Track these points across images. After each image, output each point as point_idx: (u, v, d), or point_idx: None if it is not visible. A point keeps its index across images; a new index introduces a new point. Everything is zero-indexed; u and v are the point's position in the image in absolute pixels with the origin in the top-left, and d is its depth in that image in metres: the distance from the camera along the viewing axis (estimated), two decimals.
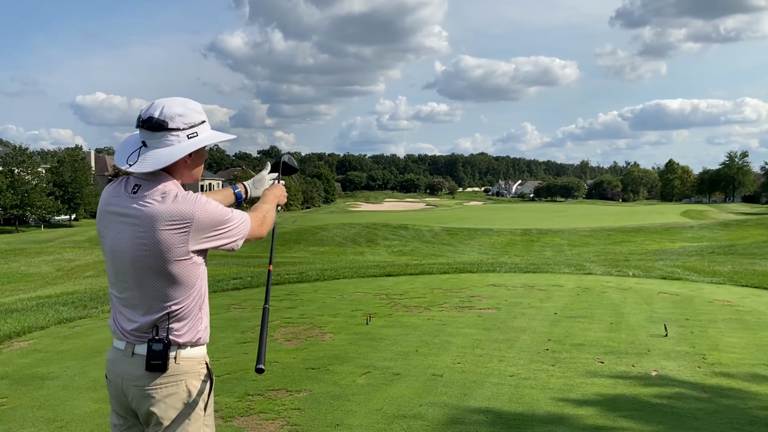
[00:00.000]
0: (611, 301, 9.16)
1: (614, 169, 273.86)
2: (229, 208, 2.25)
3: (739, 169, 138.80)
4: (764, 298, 9.43)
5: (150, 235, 2.08)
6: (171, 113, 2.14)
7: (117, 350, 2.24)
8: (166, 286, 2.13)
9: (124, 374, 2.19)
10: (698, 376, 5.38)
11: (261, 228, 2.40)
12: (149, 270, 2.11)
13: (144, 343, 2.16)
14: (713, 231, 41.20)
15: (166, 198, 2.11)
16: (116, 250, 2.17)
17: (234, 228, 2.22)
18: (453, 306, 8.69)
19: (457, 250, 33.55)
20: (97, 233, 2.28)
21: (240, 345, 6.65)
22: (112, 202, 2.20)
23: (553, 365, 5.71)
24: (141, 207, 2.11)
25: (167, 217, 2.08)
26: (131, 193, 2.15)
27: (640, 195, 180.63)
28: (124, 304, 2.21)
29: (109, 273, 2.25)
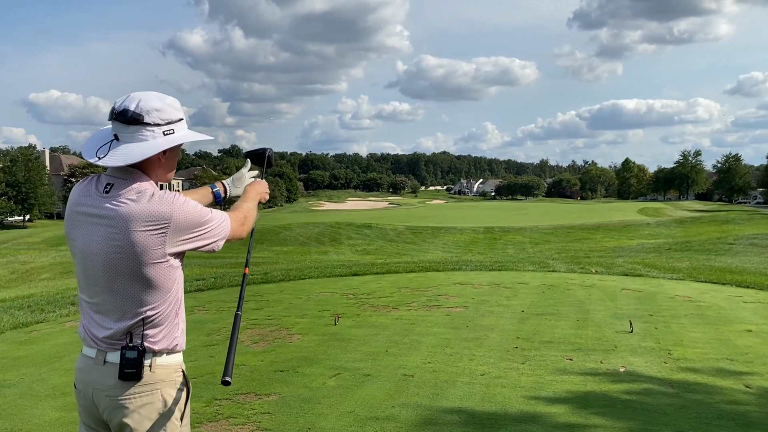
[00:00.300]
0: (576, 298, 9.25)
1: (573, 168, 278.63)
2: (209, 208, 2.14)
3: (693, 167, 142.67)
4: (723, 294, 9.66)
5: (124, 237, 1.96)
6: (148, 107, 2.02)
7: (87, 358, 2.10)
8: (141, 290, 2.01)
9: (95, 384, 2.06)
10: (665, 371, 5.45)
11: (242, 228, 2.30)
12: (123, 273, 1.99)
13: (117, 350, 2.03)
14: (669, 228, 42.25)
15: (142, 197, 1.99)
16: (88, 253, 2.04)
17: (213, 229, 2.11)
18: (421, 305, 8.67)
19: (422, 248, 33.64)
20: (66, 235, 2.15)
21: (206, 348, 6.50)
22: (82, 202, 2.07)
23: (522, 363, 5.72)
24: (114, 207, 1.98)
25: (143, 218, 1.96)
26: (103, 193, 2.02)
27: (598, 193, 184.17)
28: (95, 309, 2.08)
29: (80, 277, 2.12)
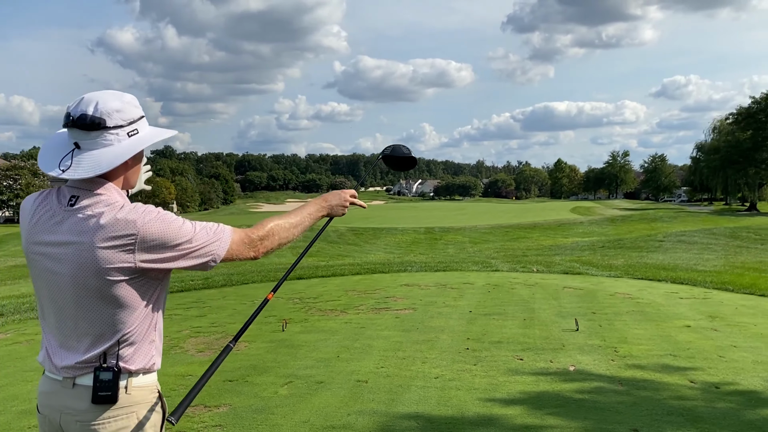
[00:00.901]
0: (521, 297, 9.38)
1: (508, 169, 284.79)
2: (193, 222, 1.90)
3: (621, 167, 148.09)
4: (660, 290, 9.99)
5: (91, 253, 1.77)
6: (107, 109, 1.83)
7: (53, 381, 1.90)
8: (114, 310, 1.82)
9: (64, 408, 1.86)
10: (613, 369, 5.56)
11: (253, 249, 1.98)
12: (92, 293, 1.81)
13: (86, 373, 1.83)
14: (602, 226, 43.66)
15: (110, 210, 1.80)
16: (53, 273, 1.84)
17: (198, 248, 1.86)
18: (369, 308, 8.60)
19: (363, 249, 33.56)
20: (25, 253, 1.93)
21: None
22: (44, 217, 1.86)
23: (475, 364, 5.72)
24: (81, 221, 1.80)
25: (109, 232, 1.78)
26: (68, 206, 1.83)
27: (532, 193, 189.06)
28: (63, 333, 1.87)
29: (43, 300, 1.92)
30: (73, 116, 1.82)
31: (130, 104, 1.92)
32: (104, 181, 1.87)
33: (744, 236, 27.68)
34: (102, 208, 1.81)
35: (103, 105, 1.84)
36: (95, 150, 1.83)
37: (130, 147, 1.87)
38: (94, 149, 1.83)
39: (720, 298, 9.26)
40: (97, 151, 1.83)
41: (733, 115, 67.38)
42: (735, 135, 64.95)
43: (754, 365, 5.61)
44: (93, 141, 1.83)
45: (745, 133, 63.60)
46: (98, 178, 1.86)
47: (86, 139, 1.83)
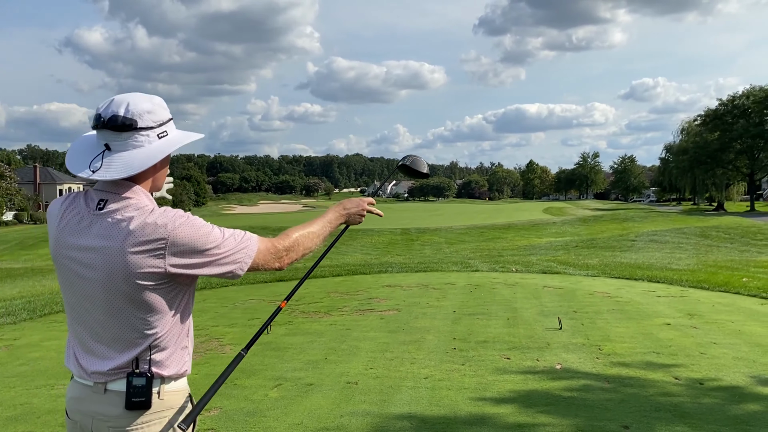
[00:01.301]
0: (503, 296, 9.46)
1: (480, 170, 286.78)
2: (222, 228, 1.88)
3: (592, 168, 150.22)
4: (637, 289, 10.16)
5: (121, 259, 1.75)
6: (138, 110, 1.82)
7: (83, 386, 1.88)
8: (145, 315, 1.81)
9: (96, 414, 1.84)
10: (599, 366, 5.64)
11: (279, 259, 1.98)
12: (123, 298, 1.79)
13: (118, 378, 1.82)
14: (574, 226, 44.18)
15: (140, 214, 1.78)
16: (82, 277, 1.82)
17: (227, 254, 1.84)
18: (353, 309, 8.59)
19: (340, 251, 33.47)
20: (53, 259, 1.91)
21: None
22: (73, 221, 1.84)
23: (463, 364, 5.76)
24: (111, 226, 1.78)
25: (140, 237, 1.75)
26: (96, 210, 1.81)
27: (505, 194, 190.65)
28: (93, 338, 1.85)
29: (71, 306, 1.89)
30: (104, 117, 1.81)
31: (160, 106, 1.90)
32: (132, 184, 1.85)
33: (714, 235, 28.28)
34: (132, 212, 1.78)
35: (134, 106, 1.82)
36: (126, 151, 1.82)
37: (161, 149, 1.86)
38: (125, 151, 1.82)
39: (696, 296, 9.45)
40: (128, 152, 1.82)
41: (701, 116, 68.80)
42: (703, 136, 66.29)
43: (734, 361, 5.73)
44: (124, 142, 1.82)
45: (712, 135, 64.97)
46: (126, 181, 1.84)
47: (117, 141, 1.82)
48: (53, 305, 9.67)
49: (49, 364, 6.18)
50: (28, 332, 7.88)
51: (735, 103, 63.69)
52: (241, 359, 2.06)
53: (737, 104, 63.40)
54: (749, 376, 5.29)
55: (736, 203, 75.22)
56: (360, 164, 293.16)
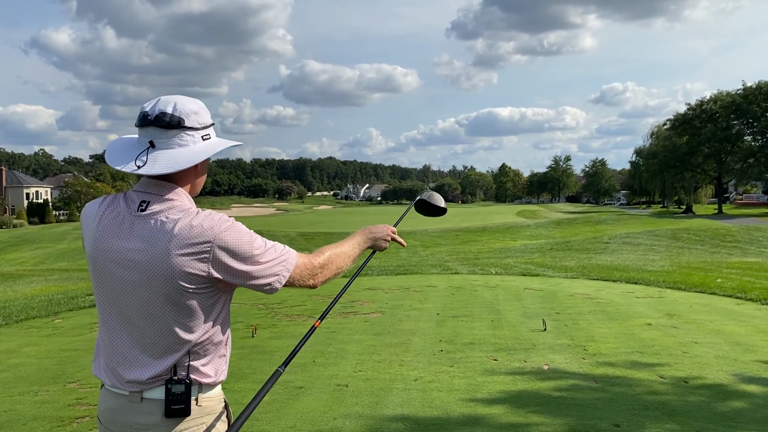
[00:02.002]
0: (485, 299, 9.53)
1: (453, 173, 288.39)
2: (264, 238, 1.85)
3: (564, 171, 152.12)
4: (616, 290, 10.31)
5: (165, 261, 1.71)
6: (186, 110, 1.82)
7: (117, 395, 1.82)
8: (184, 319, 1.77)
9: (134, 424, 1.79)
10: (585, 367, 5.71)
11: (313, 276, 1.95)
12: (163, 301, 1.74)
13: (156, 386, 1.78)
14: (548, 229, 44.70)
15: (186, 216, 1.75)
16: (121, 280, 1.77)
17: (270, 263, 1.82)
18: (337, 312, 8.56)
19: None
20: (90, 261, 1.85)
21: None
22: (113, 223, 1.80)
23: (451, 366, 5.79)
24: (154, 227, 1.74)
25: (186, 239, 1.72)
26: (138, 211, 1.78)
27: (477, 197, 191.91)
28: (129, 345, 1.80)
29: (106, 309, 1.84)
30: (151, 115, 1.80)
31: (204, 109, 1.89)
32: (175, 186, 1.83)
33: (685, 237, 28.83)
34: (177, 214, 1.76)
35: (181, 106, 1.82)
36: (170, 149, 1.80)
37: (204, 150, 1.85)
38: (170, 149, 1.80)
39: (674, 296, 9.63)
40: (173, 150, 1.80)
41: (670, 121, 70.17)
42: (672, 140, 67.57)
43: (716, 360, 5.86)
44: (169, 140, 1.81)
45: (681, 139, 66.27)
46: (169, 183, 1.83)
47: (162, 138, 1.80)
48: (29, 310, 9.48)
49: (30, 370, 6.06)
50: (5, 338, 7.71)
51: (703, 108, 65.10)
52: (278, 376, 2.01)
53: (705, 109, 64.80)
54: (732, 374, 5.40)
55: (704, 206, 76.78)
56: (333, 167, 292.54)
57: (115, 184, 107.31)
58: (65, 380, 5.66)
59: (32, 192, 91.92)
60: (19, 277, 22.08)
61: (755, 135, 64.66)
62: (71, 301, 10.32)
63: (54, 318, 9.00)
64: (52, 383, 5.58)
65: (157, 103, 1.82)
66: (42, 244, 47.79)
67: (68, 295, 11.31)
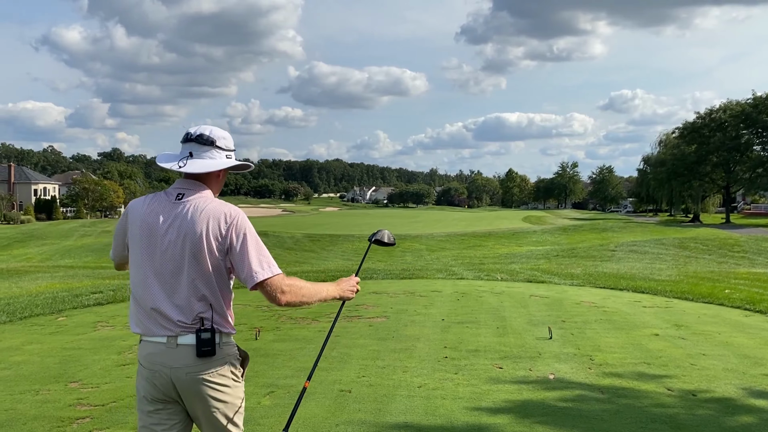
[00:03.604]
0: (490, 305, 9.46)
1: (460, 177, 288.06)
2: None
3: (571, 178, 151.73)
4: (623, 299, 10.22)
5: (197, 230, 2.37)
6: (217, 135, 2.57)
7: (157, 344, 2.42)
8: (207, 281, 2.39)
9: (173, 364, 2.39)
10: (592, 377, 5.64)
11: (288, 294, 2.45)
12: (194, 264, 2.38)
13: (188, 334, 2.38)
14: (554, 235, 44.55)
15: (214, 202, 2.47)
16: (162, 248, 2.41)
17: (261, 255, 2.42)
18: (341, 316, 8.48)
19: (320, 256, 33.40)
20: (134, 239, 2.48)
21: (120, 368, 6.01)
22: (157, 207, 2.47)
23: (456, 373, 5.73)
24: (190, 208, 2.42)
25: (215, 216, 2.40)
26: (176, 200, 2.47)
27: (484, 201, 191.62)
28: (165, 303, 2.40)
29: (146, 275, 2.43)
30: (193, 135, 2.55)
31: (230, 138, 2.64)
32: (203, 186, 2.53)
33: (692, 247, 28.66)
34: (207, 202, 2.46)
35: (215, 132, 2.58)
36: (203, 159, 2.53)
37: (225, 163, 2.57)
38: (202, 158, 2.53)
39: (682, 307, 9.53)
40: (205, 160, 2.53)
41: (679, 129, 69.83)
42: (680, 148, 67.25)
43: (725, 373, 5.77)
44: (203, 153, 2.53)
45: (690, 147, 65.94)
46: (198, 182, 2.52)
47: (199, 151, 2.53)
48: (33, 307, 9.46)
49: (32, 368, 6.03)
50: (9, 335, 7.69)
51: (712, 117, 64.75)
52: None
53: (714, 118, 64.46)
54: (740, 388, 5.32)
55: (712, 215, 76.39)
56: (340, 170, 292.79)
57: (122, 182, 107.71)
58: (67, 379, 5.63)
59: (40, 188, 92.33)
60: (25, 273, 22.14)
61: (764, 145, 64.28)
62: (75, 299, 10.31)
63: (58, 316, 8.99)
64: (54, 382, 5.55)
65: (199, 128, 2.58)
66: (48, 241, 47.97)
67: (73, 292, 11.30)
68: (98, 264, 28.18)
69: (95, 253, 39.17)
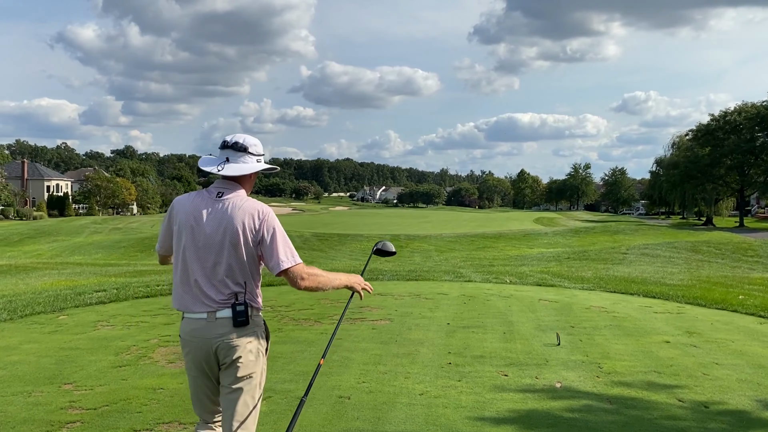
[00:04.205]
0: (498, 309, 9.27)
1: (471, 178, 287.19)
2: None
3: (583, 179, 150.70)
4: (634, 304, 10.00)
5: (236, 222, 2.84)
6: (250, 142, 3.01)
7: (198, 320, 2.88)
8: (245, 262, 2.86)
9: (213, 334, 2.86)
10: (600, 386, 5.45)
11: (307, 280, 2.92)
12: (235, 248, 2.84)
13: (225, 308, 2.85)
14: (566, 237, 44.15)
15: (249, 200, 2.95)
16: (205, 236, 2.86)
17: (286, 246, 2.89)
18: (344, 318, 8.36)
19: (329, 255, 33.24)
20: (180, 230, 2.94)
21: (116, 369, 5.88)
22: (201, 203, 2.94)
23: (459, 380, 5.55)
24: (229, 205, 2.90)
25: (250, 212, 2.88)
26: (217, 197, 2.93)
27: (495, 202, 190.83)
28: (205, 284, 2.86)
29: (189, 260, 2.89)
30: (230, 142, 3.00)
31: (260, 145, 3.07)
32: (239, 186, 3.00)
33: (704, 250, 28.27)
34: (243, 200, 2.94)
35: (248, 140, 3.02)
36: (238, 164, 2.98)
37: (256, 167, 3.02)
38: (237, 163, 2.98)
39: (694, 313, 9.30)
40: (239, 164, 2.98)
41: (692, 131, 69.16)
42: (694, 151, 66.60)
43: (739, 384, 5.56)
44: (238, 158, 2.99)
45: (703, 150, 65.29)
46: (235, 183, 2.98)
47: (234, 156, 2.99)
48: (35, 305, 9.38)
49: (27, 369, 5.91)
50: (7, 334, 7.59)
51: (727, 119, 64.06)
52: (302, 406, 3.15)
53: (729, 120, 63.77)
54: (755, 400, 5.11)
55: (725, 218, 75.61)
56: (350, 169, 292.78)
57: (135, 180, 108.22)
58: (61, 381, 5.51)
59: (53, 185, 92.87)
60: (33, 269, 22.15)
61: None
62: (78, 297, 10.21)
63: (59, 314, 8.89)
64: (48, 384, 5.43)
65: (234, 137, 3.01)
66: (60, 237, 48.20)
67: (76, 290, 11.21)
68: (107, 261, 28.21)
69: (105, 250, 39.29)
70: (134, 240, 43.46)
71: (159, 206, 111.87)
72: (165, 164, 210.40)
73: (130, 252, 37.99)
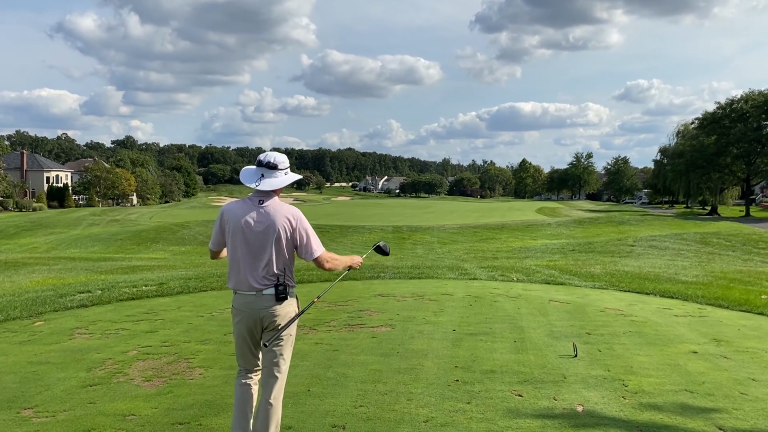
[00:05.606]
0: (506, 312, 8.65)
1: (473, 167, 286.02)
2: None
3: (585, 168, 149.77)
4: (651, 306, 9.37)
5: (276, 224, 3.73)
6: (280, 160, 3.88)
7: (249, 295, 3.76)
8: (284, 254, 3.77)
9: (260, 306, 3.75)
10: (627, 410, 4.82)
11: (330, 262, 3.95)
12: (277, 244, 3.73)
13: (270, 287, 3.75)
14: (570, 228, 43.48)
15: (282, 205, 3.83)
16: (254, 233, 3.73)
17: (315, 240, 3.86)
18: (342, 324, 7.75)
19: (330, 248, 32.34)
20: (233, 230, 3.78)
21: (85, 390, 5.27)
22: (248, 211, 3.79)
23: (468, 402, 4.94)
24: (270, 210, 3.78)
25: (286, 213, 3.78)
26: (259, 204, 3.79)
27: (497, 192, 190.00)
28: (254, 268, 3.74)
29: (239, 251, 3.76)
30: (264, 162, 3.85)
31: (286, 161, 3.94)
32: (274, 195, 3.85)
33: (714, 242, 27.61)
34: (279, 205, 3.82)
35: (278, 158, 3.88)
36: (271, 179, 3.84)
37: (287, 179, 3.91)
38: (271, 178, 3.84)
39: (717, 316, 8.67)
40: (272, 179, 3.84)
41: (698, 119, 68.26)
42: (699, 139, 65.73)
43: None
44: (271, 174, 3.85)
45: (709, 138, 64.41)
46: (272, 192, 3.83)
47: (268, 173, 3.85)
48: (11, 310, 8.78)
49: None
50: None
51: (733, 107, 63.18)
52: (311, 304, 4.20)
53: (735, 108, 62.88)
54: None
55: (730, 207, 74.84)
56: (352, 159, 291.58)
57: (134, 170, 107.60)
58: (21, 404, 4.91)
59: (52, 176, 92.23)
60: (23, 265, 21.55)
61: None
62: (59, 300, 9.61)
63: (36, 320, 8.29)
64: (5, 408, 4.83)
65: (267, 156, 3.87)
66: (57, 230, 47.62)
67: (59, 292, 10.60)
68: (102, 255, 27.63)
69: (102, 242, 38.72)
70: (131, 233, 42.84)
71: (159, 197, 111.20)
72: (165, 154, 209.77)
73: (127, 245, 37.39)
